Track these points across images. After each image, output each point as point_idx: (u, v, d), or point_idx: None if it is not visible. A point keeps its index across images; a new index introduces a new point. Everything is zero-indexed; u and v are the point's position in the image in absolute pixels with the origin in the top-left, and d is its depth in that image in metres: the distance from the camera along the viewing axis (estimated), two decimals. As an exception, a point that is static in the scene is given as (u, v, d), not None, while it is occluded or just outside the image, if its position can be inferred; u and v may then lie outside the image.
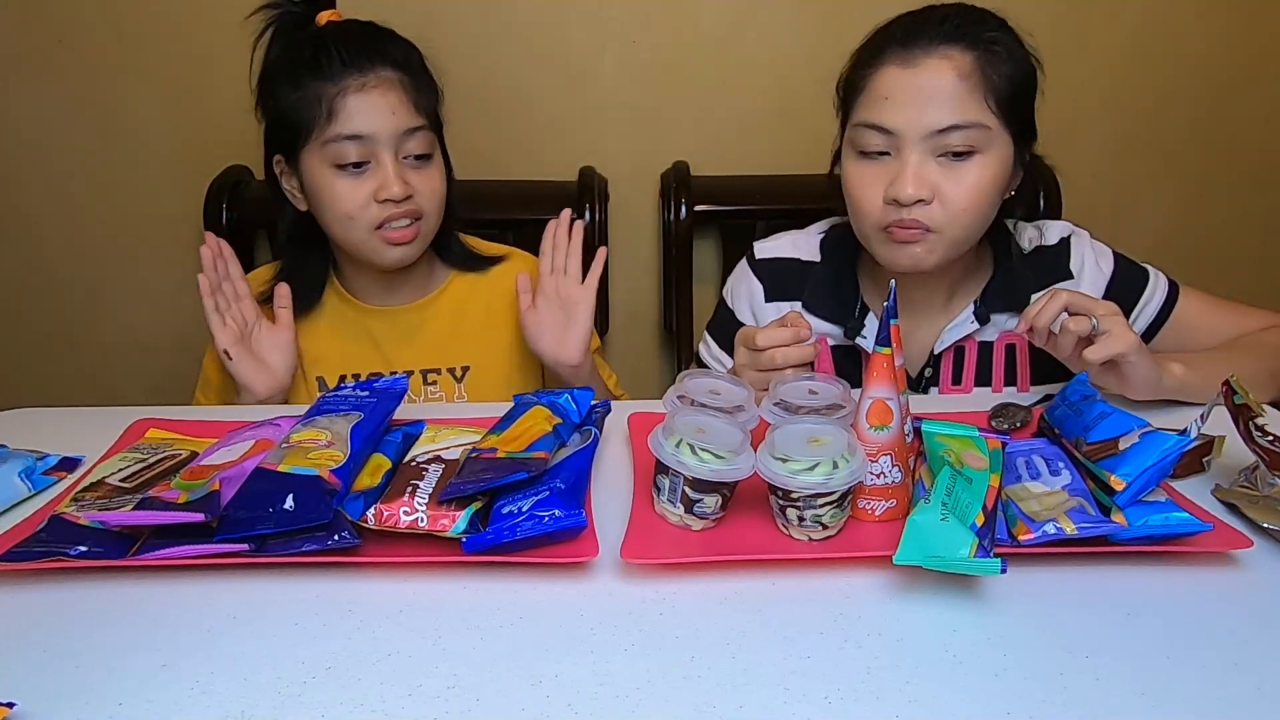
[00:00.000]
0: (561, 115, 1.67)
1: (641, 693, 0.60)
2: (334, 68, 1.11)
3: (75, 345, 1.79)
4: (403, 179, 1.13)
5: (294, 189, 1.19)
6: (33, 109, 1.63)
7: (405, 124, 1.13)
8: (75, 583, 0.70)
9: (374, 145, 1.12)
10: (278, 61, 1.16)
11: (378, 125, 1.11)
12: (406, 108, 1.14)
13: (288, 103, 1.13)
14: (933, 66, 0.98)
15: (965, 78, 0.98)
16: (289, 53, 1.15)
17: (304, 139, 1.12)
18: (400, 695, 0.60)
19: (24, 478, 0.84)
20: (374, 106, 1.11)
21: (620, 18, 1.62)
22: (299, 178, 1.17)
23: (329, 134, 1.11)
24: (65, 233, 1.71)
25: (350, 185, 1.12)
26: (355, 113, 1.11)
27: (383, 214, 1.13)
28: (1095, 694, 0.60)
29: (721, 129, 1.69)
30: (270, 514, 0.70)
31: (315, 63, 1.11)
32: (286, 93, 1.13)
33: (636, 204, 1.70)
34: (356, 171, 1.12)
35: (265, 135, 1.19)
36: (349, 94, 1.10)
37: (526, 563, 0.71)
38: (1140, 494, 0.75)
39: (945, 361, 1.14)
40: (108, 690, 0.60)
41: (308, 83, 1.11)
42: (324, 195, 1.14)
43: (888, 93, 1.00)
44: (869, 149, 1.02)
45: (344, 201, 1.13)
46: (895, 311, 0.80)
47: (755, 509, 0.78)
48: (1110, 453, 0.78)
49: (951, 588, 0.70)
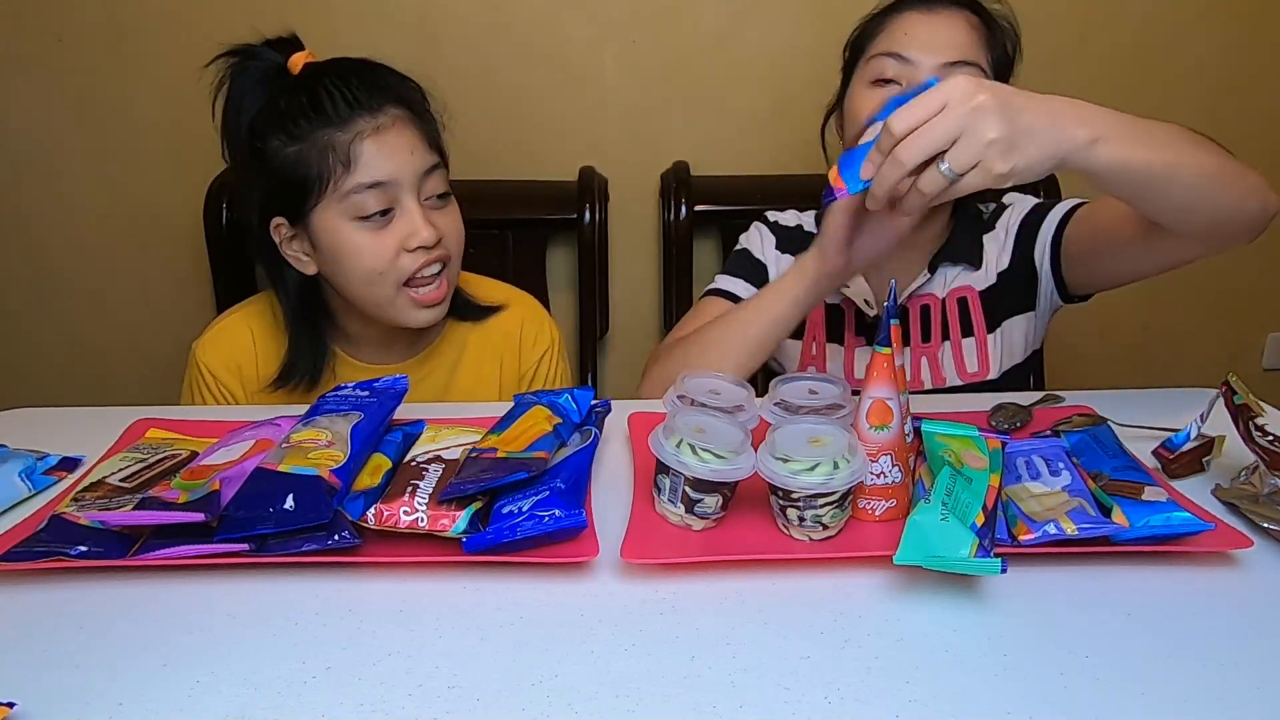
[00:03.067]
0: (561, 115, 1.67)
1: (641, 693, 0.60)
2: (340, 111, 1.00)
3: (75, 345, 1.79)
4: (429, 223, 1.04)
5: (299, 252, 1.07)
6: (33, 109, 1.63)
7: (425, 163, 1.04)
8: (75, 583, 0.70)
9: (397, 191, 1.02)
10: (264, 112, 1.03)
11: (400, 169, 1.02)
12: (422, 145, 1.05)
13: (286, 158, 1.01)
14: (950, 15, 1.09)
15: (975, 30, 1.09)
16: (278, 101, 1.03)
17: (316, 195, 1.01)
18: (400, 695, 0.60)
19: (24, 478, 0.83)
20: (393, 148, 1.02)
21: (620, 18, 1.62)
22: (310, 238, 1.05)
23: (348, 185, 1.00)
24: (65, 233, 1.72)
25: (375, 239, 1.02)
26: (375, 157, 1.01)
27: (413, 264, 1.04)
28: (1095, 694, 0.60)
29: (721, 129, 1.69)
30: (270, 514, 0.70)
31: (315, 108, 1.00)
32: (282, 146, 1.01)
33: (636, 204, 1.70)
34: (380, 222, 1.02)
35: (259, 200, 1.06)
36: (365, 138, 1.00)
37: (526, 563, 0.71)
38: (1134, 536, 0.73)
39: (913, 320, 1.19)
40: (108, 690, 0.60)
41: (310, 131, 1.00)
42: (346, 253, 1.03)
43: (909, 30, 1.09)
44: (884, 76, 1.09)
45: (370, 257, 1.02)
46: (895, 311, 0.80)
47: (755, 509, 0.78)
48: (1130, 494, 0.77)
49: (951, 588, 0.70)
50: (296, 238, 1.06)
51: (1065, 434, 0.90)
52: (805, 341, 1.22)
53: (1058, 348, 1.32)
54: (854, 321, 1.20)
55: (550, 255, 1.70)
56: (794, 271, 1.03)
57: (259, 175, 1.04)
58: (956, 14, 1.09)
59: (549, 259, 1.69)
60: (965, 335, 1.20)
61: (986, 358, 1.19)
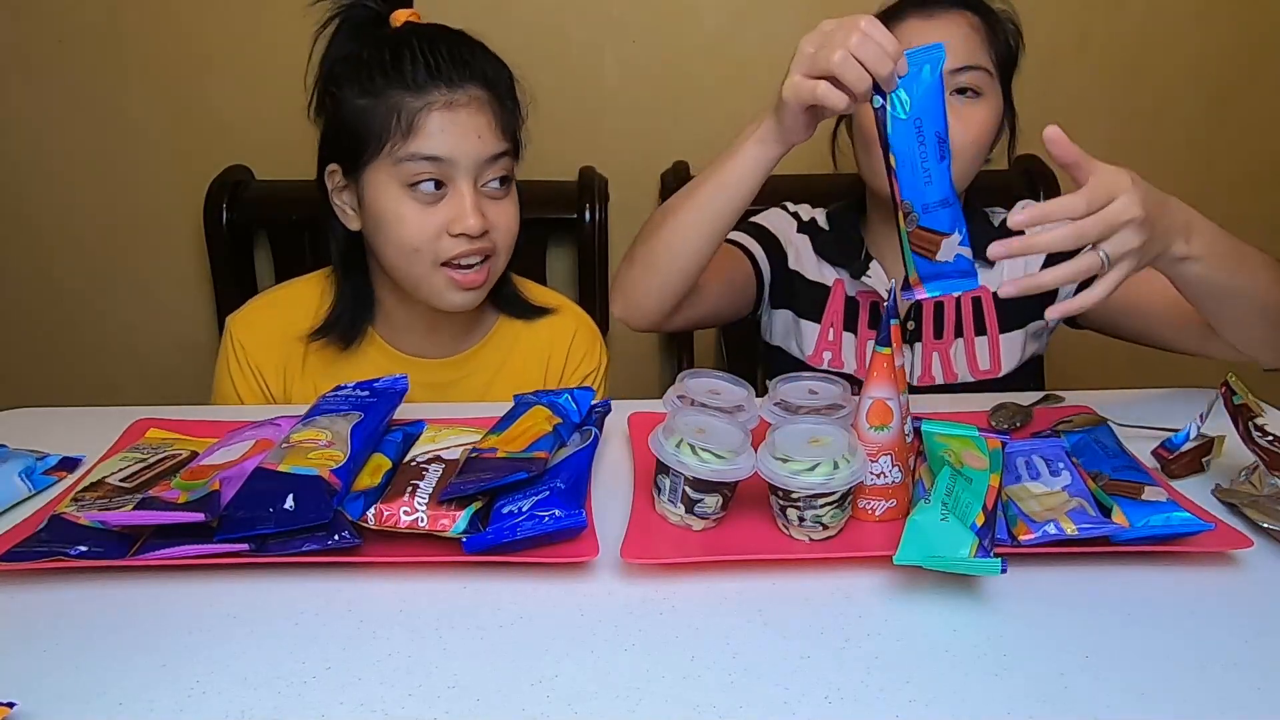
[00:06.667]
0: (561, 115, 1.67)
1: (641, 693, 0.60)
2: (419, 76, 0.98)
3: (75, 345, 1.79)
4: (480, 211, 1.00)
5: (346, 204, 1.05)
6: (33, 109, 1.63)
7: (490, 150, 1.00)
8: (75, 583, 0.70)
9: (453, 170, 0.99)
10: (346, 60, 1.02)
11: (461, 149, 0.99)
12: (494, 132, 1.01)
13: (355, 109, 0.99)
14: (949, 18, 1.10)
15: (975, 30, 1.10)
16: (361, 52, 1.01)
17: (372, 152, 0.99)
18: (400, 695, 0.60)
19: (24, 478, 0.83)
20: (461, 128, 0.99)
21: (620, 18, 1.62)
22: (358, 193, 1.03)
23: (404, 151, 0.98)
24: (65, 233, 1.71)
25: (420, 213, 1.00)
26: (439, 131, 0.98)
27: (454, 249, 1.01)
28: (1095, 694, 0.60)
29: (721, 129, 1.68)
30: (270, 514, 0.70)
31: (396, 67, 0.98)
32: (353, 96, 1.00)
33: (636, 204, 1.70)
34: (430, 195, 1.00)
35: (321, 139, 1.05)
36: (434, 110, 0.98)
37: (526, 563, 0.71)
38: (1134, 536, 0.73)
39: (926, 315, 1.19)
40: (108, 690, 0.60)
41: (384, 89, 0.98)
42: (388, 219, 1.01)
43: (912, 37, 1.08)
44: None
45: (412, 230, 1.00)
46: (896, 311, 0.80)
47: (755, 509, 0.78)
48: (1130, 494, 0.77)
49: (951, 588, 0.70)
50: (348, 189, 1.04)
51: (1065, 434, 0.90)
52: (823, 327, 1.22)
53: (1058, 348, 1.32)
54: (868, 314, 1.21)
55: (550, 255, 1.70)
56: (753, 136, 1.00)
57: (327, 119, 1.04)
58: (956, 16, 1.10)
59: (549, 259, 1.69)
60: (979, 334, 1.20)
61: (999, 356, 1.20)
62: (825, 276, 1.23)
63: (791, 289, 1.24)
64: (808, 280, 1.23)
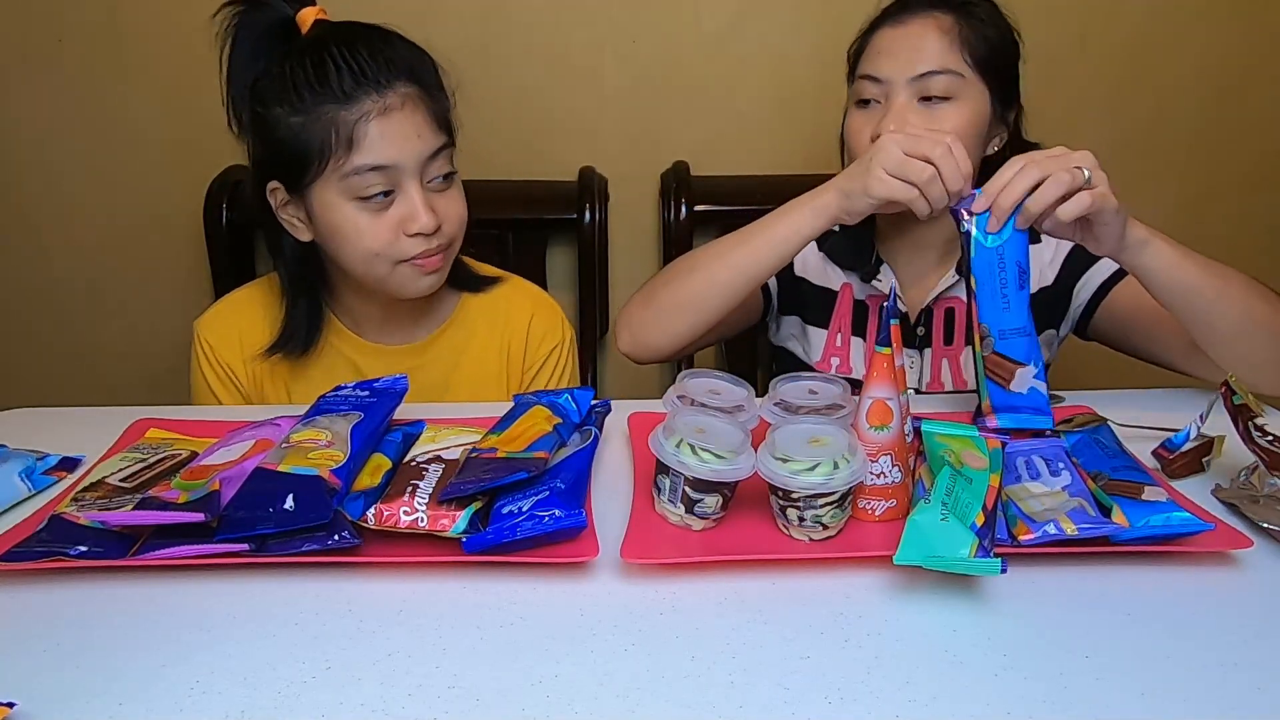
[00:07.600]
0: (561, 115, 1.67)
1: (641, 693, 0.60)
2: (346, 85, 0.97)
3: (75, 345, 1.79)
4: (430, 208, 1.01)
5: (294, 218, 1.05)
6: (33, 109, 1.63)
7: (431, 146, 1.01)
8: (75, 583, 0.70)
9: (399, 174, 0.99)
10: (268, 79, 1.00)
11: (404, 152, 0.99)
12: (430, 127, 1.01)
13: (288, 129, 0.98)
14: (918, 24, 1.09)
15: (946, 33, 1.08)
16: (280, 67, 0.99)
17: (315, 170, 0.98)
18: (400, 695, 0.60)
19: (24, 478, 0.83)
20: (399, 131, 0.98)
21: (620, 18, 1.62)
22: (306, 208, 1.02)
23: (349, 166, 0.97)
24: (65, 233, 1.71)
25: (374, 221, 1.00)
26: (379, 138, 0.97)
27: (413, 249, 1.02)
28: (1095, 694, 0.60)
29: (721, 129, 1.69)
30: (270, 514, 0.70)
31: (321, 79, 0.97)
32: (285, 115, 0.98)
33: (636, 204, 1.70)
34: (379, 203, 1.00)
35: (255, 159, 1.04)
36: (371, 118, 0.97)
37: (526, 563, 0.71)
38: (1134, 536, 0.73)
39: (936, 322, 1.18)
40: (108, 690, 0.60)
41: (314, 105, 0.97)
42: (345, 232, 1.01)
43: (881, 49, 1.10)
44: (864, 97, 1.11)
45: (368, 239, 1.00)
46: (896, 311, 0.80)
47: (755, 509, 0.78)
48: (1130, 494, 0.77)
49: (951, 588, 0.70)
50: (292, 204, 1.04)
51: (1065, 434, 0.90)
52: (830, 333, 1.22)
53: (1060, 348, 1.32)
54: (878, 318, 1.20)
55: (550, 255, 1.70)
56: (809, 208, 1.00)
57: (258, 138, 1.02)
58: (925, 20, 1.08)
59: (549, 259, 1.69)
60: None
61: None
62: (832, 280, 1.22)
63: (799, 295, 1.23)
64: (814, 285, 1.22)
